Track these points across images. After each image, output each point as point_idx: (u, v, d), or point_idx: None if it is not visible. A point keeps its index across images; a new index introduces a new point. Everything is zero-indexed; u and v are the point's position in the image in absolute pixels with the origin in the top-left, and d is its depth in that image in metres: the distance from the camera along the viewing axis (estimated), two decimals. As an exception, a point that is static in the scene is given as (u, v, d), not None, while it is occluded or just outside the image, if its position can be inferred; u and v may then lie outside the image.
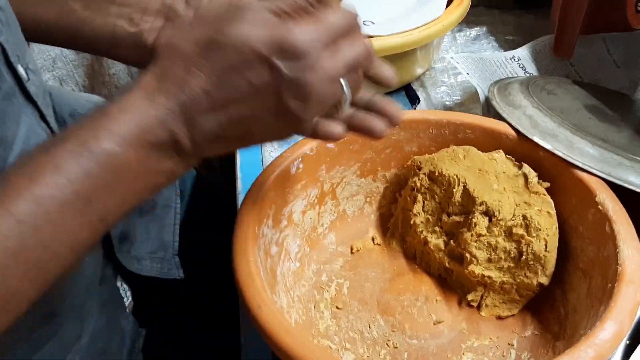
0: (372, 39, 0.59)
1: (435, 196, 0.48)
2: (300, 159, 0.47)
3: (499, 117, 0.50)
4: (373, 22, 0.62)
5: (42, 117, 0.39)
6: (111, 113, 0.31)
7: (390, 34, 0.59)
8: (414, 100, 0.65)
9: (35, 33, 0.46)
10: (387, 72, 0.38)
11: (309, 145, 0.48)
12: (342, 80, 0.34)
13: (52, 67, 1.29)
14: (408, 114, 0.51)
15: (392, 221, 0.51)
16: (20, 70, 0.37)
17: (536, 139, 0.46)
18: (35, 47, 1.29)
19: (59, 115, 0.51)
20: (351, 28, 0.34)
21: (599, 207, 0.41)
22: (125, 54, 0.45)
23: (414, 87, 0.67)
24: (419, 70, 0.67)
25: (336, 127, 0.36)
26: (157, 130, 0.32)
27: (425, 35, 0.60)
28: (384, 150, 0.51)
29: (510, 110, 0.49)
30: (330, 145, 0.49)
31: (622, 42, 0.62)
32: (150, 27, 0.43)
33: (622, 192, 0.42)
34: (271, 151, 0.62)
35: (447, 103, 0.65)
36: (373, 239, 0.51)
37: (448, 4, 0.63)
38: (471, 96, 0.65)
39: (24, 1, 0.45)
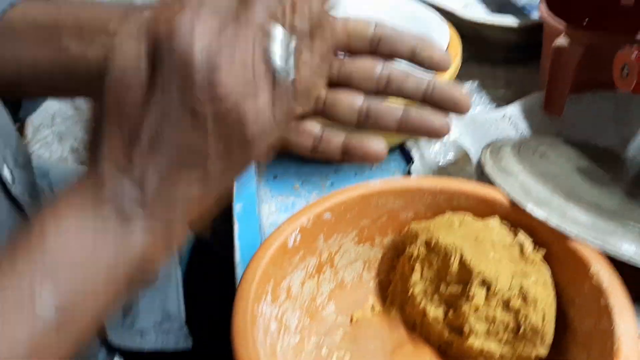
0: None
1: (433, 265, 0.48)
2: (297, 231, 0.48)
3: (492, 182, 0.51)
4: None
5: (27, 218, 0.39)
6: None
7: (383, 98, 0.60)
8: (408, 160, 0.66)
9: (36, 83, 0.46)
10: (437, 53, 0.35)
11: (306, 217, 0.48)
12: (270, 38, 0.28)
13: (51, 123, 1.32)
14: (402, 182, 0.52)
15: (391, 289, 0.51)
16: (5, 173, 0.37)
17: (529, 207, 0.47)
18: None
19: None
20: None
21: (594, 279, 0.41)
22: None
23: (408, 146, 0.68)
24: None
25: (374, 144, 0.34)
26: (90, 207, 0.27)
27: (417, 99, 0.61)
28: (380, 217, 0.51)
29: (503, 177, 0.50)
30: (327, 215, 0.49)
31: (612, 99, 0.63)
32: None
33: (619, 260, 0.43)
34: (269, 214, 0.62)
35: (441, 163, 0.66)
36: (372, 308, 0.51)
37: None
38: (465, 155, 0.66)
39: (19, 46, 0.45)
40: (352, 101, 0.37)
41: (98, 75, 0.42)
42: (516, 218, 0.48)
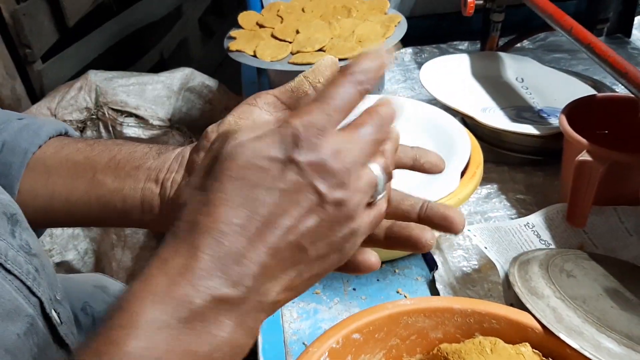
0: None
1: (464, 392, 0.47)
2: (326, 354, 0.47)
3: (520, 302, 0.50)
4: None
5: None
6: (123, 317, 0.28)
7: (408, 209, 0.60)
8: (432, 266, 0.66)
9: (67, 213, 0.46)
10: (433, 157, 0.39)
11: (335, 338, 0.48)
12: (371, 166, 0.33)
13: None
14: (432, 301, 0.51)
15: (419, 412, 0.50)
16: (54, 315, 0.37)
17: (562, 337, 0.46)
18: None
19: (71, 311, 0.51)
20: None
21: (635, 421, 0.40)
22: (152, 217, 0.44)
23: (430, 250, 0.68)
24: (435, 234, 0.68)
25: (371, 256, 0.37)
26: (191, 301, 0.28)
27: (442, 209, 0.61)
28: (409, 337, 0.51)
29: (534, 300, 0.50)
30: (356, 335, 0.49)
31: (633, 212, 0.64)
32: (171, 182, 0.44)
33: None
34: (291, 321, 0.62)
35: (465, 269, 0.66)
36: None
37: (461, 175, 0.66)
38: (488, 262, 0.66)
39: (52, 180, 0.46)
40: None
41: (140, 206, 0.43)
42: (548, 346, 0.47)
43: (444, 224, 0.38)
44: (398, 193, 0.39)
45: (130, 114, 1.14)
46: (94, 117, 1.16)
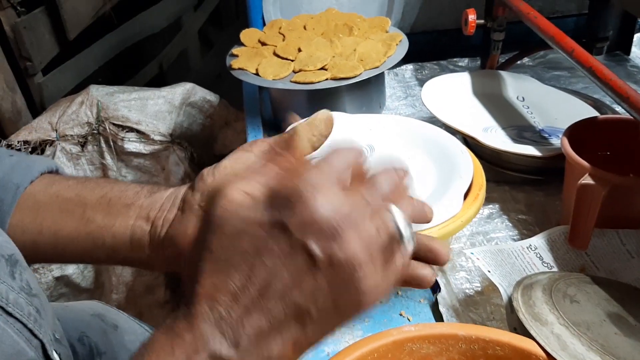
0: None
1: (469, 420, 0.47)
2: (332, 382, 0.47)
3: (523, 327, 0.51)
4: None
5: None
6: None
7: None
8: (435, 289, 0.66)
9: (54, 249, 0.47)
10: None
11: (341, 365, 0.48)
12: (392, 213, 0.32)
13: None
14: (437, 328, 0.51)
15: None
16: (55, 357, 0.37)
17: (567, 365, 0.46)
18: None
19: (68, 341, 0.51)
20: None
21: None
22: (141, 255, 0.45)
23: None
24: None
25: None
26: None
27: (445, 233, 0.61)
28: (413, 363, 0.51)
29: (538, 326, 0.50)
30: (361, 362, 0.49)
31: (635, 235, 0.64)
32: (163, 221, 0.45)
33: None
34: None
35: (468, 291, 0.66)
36: None
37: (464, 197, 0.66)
38: (491, 283, 0.66)
39: (41, 216, 0.47)
40: None
41: (129, 243, 0.44)
42: (553, 373, 0.47)
43: (430, 256, 0.39)
44: None
45: (131, 129, 1.15)
46: (95, 132, 1.16)
